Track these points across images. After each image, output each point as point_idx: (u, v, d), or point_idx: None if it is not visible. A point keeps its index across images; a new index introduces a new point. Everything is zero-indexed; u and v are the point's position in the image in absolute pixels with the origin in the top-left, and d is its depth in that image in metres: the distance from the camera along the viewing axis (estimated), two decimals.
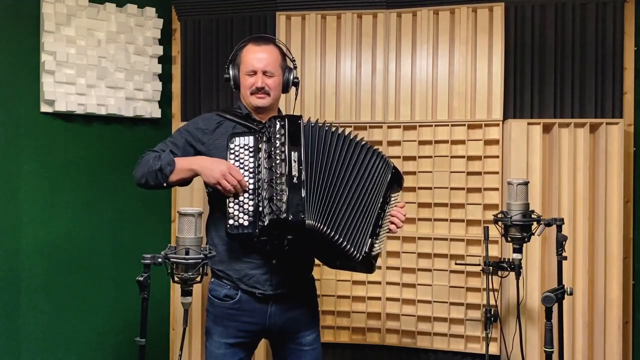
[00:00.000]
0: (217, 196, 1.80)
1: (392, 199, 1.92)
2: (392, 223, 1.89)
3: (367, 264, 1.83)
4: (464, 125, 2.84)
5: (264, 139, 1.76)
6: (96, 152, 2.83)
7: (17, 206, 2.57)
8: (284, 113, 2.04)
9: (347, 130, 1.88)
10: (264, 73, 1.88)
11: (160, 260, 1.57)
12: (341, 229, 1.75)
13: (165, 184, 1.82)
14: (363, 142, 1.88)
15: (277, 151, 1.72)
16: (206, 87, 3.11)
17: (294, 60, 2.00)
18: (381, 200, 1.86)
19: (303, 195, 1.69)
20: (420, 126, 2.90)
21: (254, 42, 1.92)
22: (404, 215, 1.92)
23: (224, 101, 3.06)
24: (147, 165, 1.82)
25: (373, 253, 1.83)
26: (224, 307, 1.86)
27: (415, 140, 2.90)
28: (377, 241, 1.84)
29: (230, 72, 1.95)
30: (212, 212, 1.90)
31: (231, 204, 1.75)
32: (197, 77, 3.13)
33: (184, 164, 1.81)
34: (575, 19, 2.79)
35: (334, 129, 1.84)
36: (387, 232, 1.91)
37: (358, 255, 1.78)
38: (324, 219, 1.72)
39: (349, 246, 1.76)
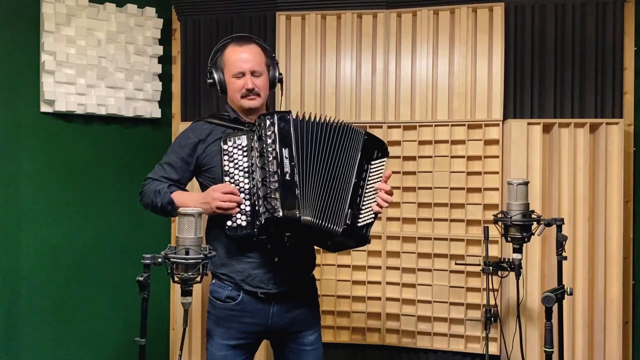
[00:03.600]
0: None
1: (373, 166, 1.83)
2: (377, 203, 1.80)
3: (355, 237, 1.76)
4: (464, 125, 2.84)
5: (255, 137, 1.76)
6: (96, 152, 2.83)
7: (18, 206, 2.57)
8: (273, 110, 2.00)
9: (333, 119, 1.84)
10: (252, 73, 1.85)
11: (160, 260, 1.57)
12: (321, 212, 1.71)
13: (171, 217, 1.87)
14: (340, 124, 1.82)
15: (269, 149, 1.72)
16: (206, 87, 3.06)
17: (274, 56, 1.98)
18: (356, 168, 1.78)
19: (296, 191, 1.69)
20: (420, 126, 2.90)
21: (236, 43, 1.88)
22: (388, 193, 1.80)
23: (223, 101, 3.04)
24: (150, 199, 1.86)
25: (359, 224, 1.76)
26: (226, 308, 1.86)
27: (415, 140, 2.90)
28: (362, 211, 1.77)
29: (215, 77, 1.91)
30: (211, 221, 1.90)
31: None
32: (197, 77, 3.13)
33: (181, 203, 1.82)
34: (575, 19, 2.79)
35: (321, 119, 1.81)
36: (372, 207, 1.80)
37: (338, 228, 1.72)
38: (317, 212, 1.71)
39: (329, 224, 1.71)
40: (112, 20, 2.83)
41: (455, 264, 2.82)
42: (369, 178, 1.82)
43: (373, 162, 1.83)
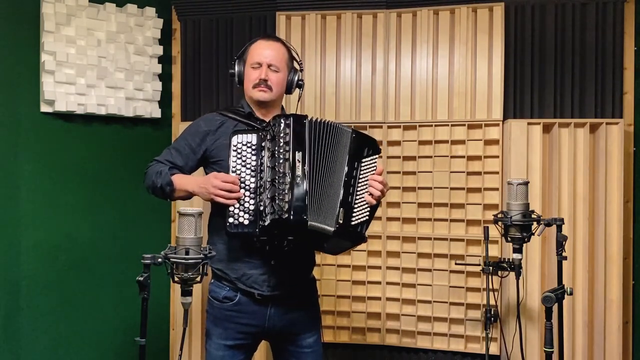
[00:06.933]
0: None
1: (364, 164, 1.81)
2: (370, 194, 1.78)
3: (349, 235, 1.75)
4: (464, 125, 2.84)
5: (268, 137, 1.76)
6: (96, 152, 2.83)
7: (17, 206, 2.57)
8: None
9: (325, 119, 1.82)
10: (269, 67, 1.88)
11: (160, 260, 1.57)
12: (320, 214, 1.70)
13: (170, 199, 1.92)
14: (330, 124, 1.80)
15: (282, 150, 1.72)
16: (206, 87, 3.11)
17: (301, 64, 2.02)
18: (346, 168, 1.76)
19: (306, 196, 1.68)
20: (420, 126, 2.90)
21: (264, 38, 1.95)
22: (380, 183, 1.79)
23: (224, 101, 3.06)
24: (151, 180, 1.87)
25: (353, 222, 1.74)
26: (223, 308, 1.86)
27: (415, 140, 2.90)
28: (355, 209, 1.75)
29: (236, 68, 1.95)
30: (213, 211, 1.90)
31: None
32: (197, 77, 3.13)
33: (180, 185, 1.85)
34: (575, 19, 2.79)
35: (320, 120, 1.79)
36: (365, 203, 1.78)
37: (330, 228, 1.71)
38: (318, 215, 1.70)
39: (322, 225, 1.70)
40: (112, 20, 2.83)
41: (455, 264, 2.82)
42: (360, 176, 1.79)
43: (364, 160, 1.82)
